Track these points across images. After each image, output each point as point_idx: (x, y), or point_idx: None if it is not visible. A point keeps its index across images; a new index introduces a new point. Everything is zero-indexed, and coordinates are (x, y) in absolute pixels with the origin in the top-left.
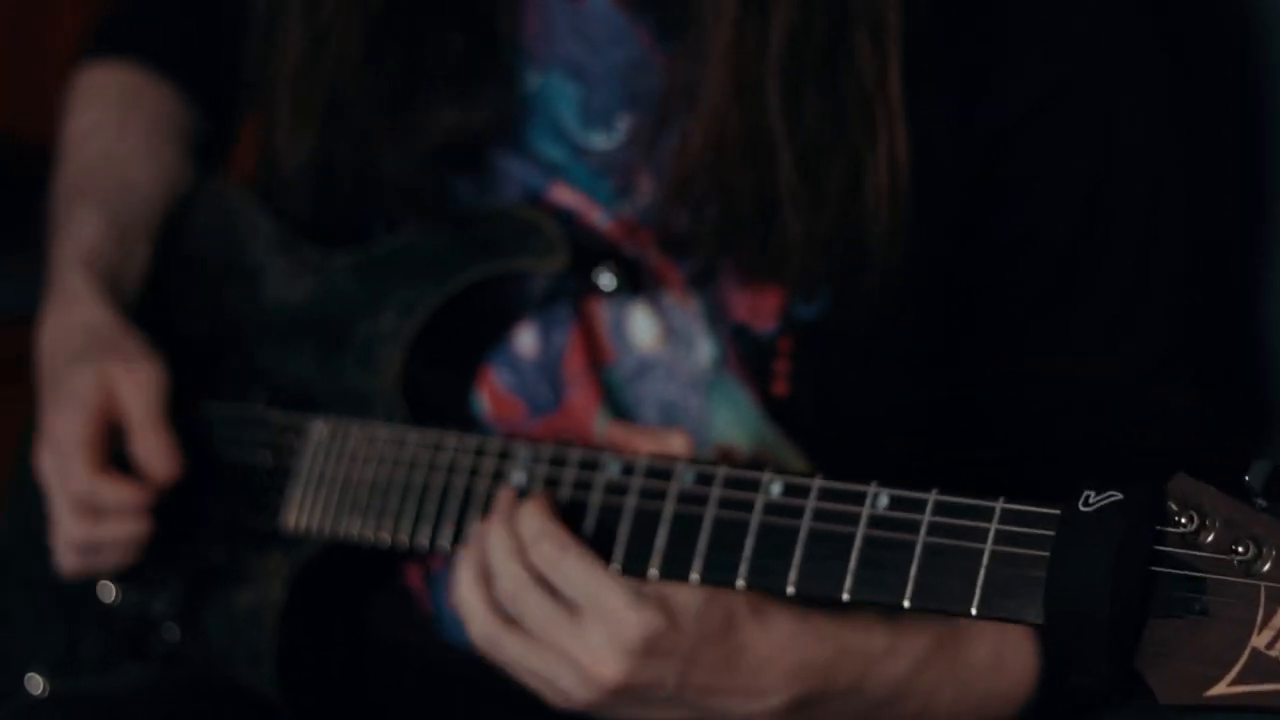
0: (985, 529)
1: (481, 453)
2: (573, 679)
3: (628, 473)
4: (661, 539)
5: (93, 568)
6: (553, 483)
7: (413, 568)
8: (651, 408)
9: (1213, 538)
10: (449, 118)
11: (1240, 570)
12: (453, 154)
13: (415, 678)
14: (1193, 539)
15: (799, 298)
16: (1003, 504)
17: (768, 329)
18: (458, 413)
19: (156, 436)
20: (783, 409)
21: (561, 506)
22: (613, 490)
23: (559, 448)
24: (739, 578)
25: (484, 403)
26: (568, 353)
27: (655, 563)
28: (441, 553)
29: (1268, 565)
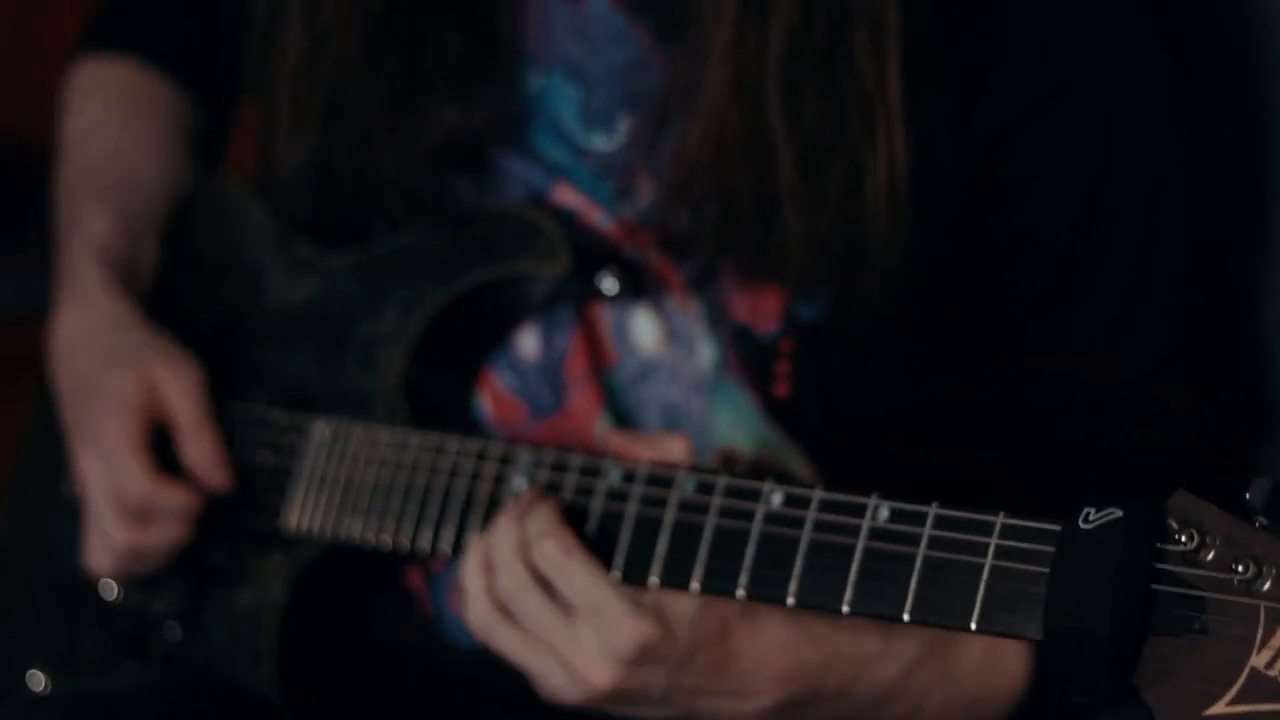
0: (985, 543)
1: (483, 457)
2: (563, 679)
3: (629, 480)
4: (662, 547)
5: (133, 572)
6: (554, 488)
7: (414, 569)
8: (653, 410)
9: (1213, 556)
10: (449, 118)
11: (1240, 589)
12: (453, 154)
13: (416, 679)
14: (1193, 557)
15: (799, 298)
16: (1003, 519)
17: (768, 330)
18: (459, 414)
19: (209, 441)
20: (784, 410)
21: (563, 511)
22: (614, 497)
23: (560, 453)
24: (739, 587)
25: (485, 404)
26: (569, 355)
27: (656, 570)
28: (442, 556)
29: (1267, 584)
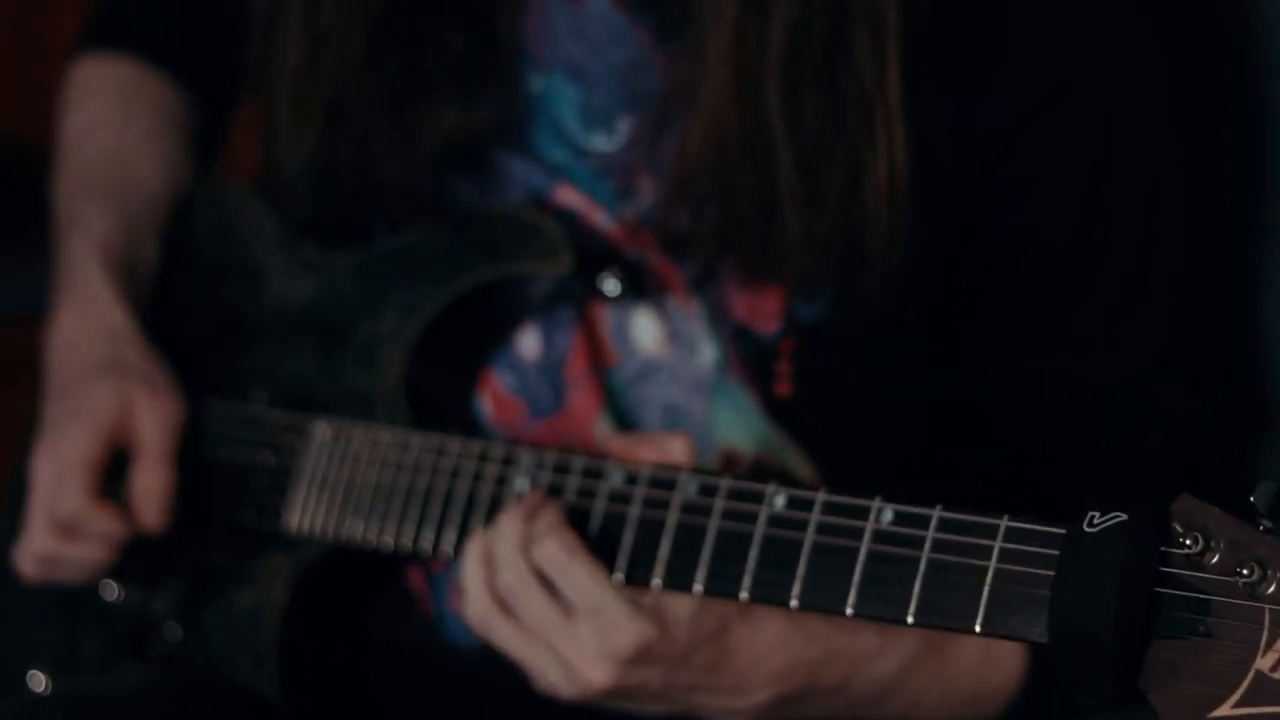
0: (989, 546)
1: (485, 458)
2: (560, 676)
3: (631, 482)
4: (665, 549)
5: (49, 579)
6: (556, 490)
7: (415, 569)
8: (654, 411)
9: (1217, 559)
10: (450, 119)
11: (1244, 592)
12: (454, 155)
13: (417, 679)
14: (1197, 560)
15: (799, 298)
16: (1007, 521)
17: (769, 330)
18: (459, 414)
19: (161, 477)
20: (785, 410)
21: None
22: (616, 499)
23: (563, 455)
24: (742, 590)
25: (486, 404)
26: (570, 355)
27: (659, 572)
28: (444, 558)
29: (1272, 587)
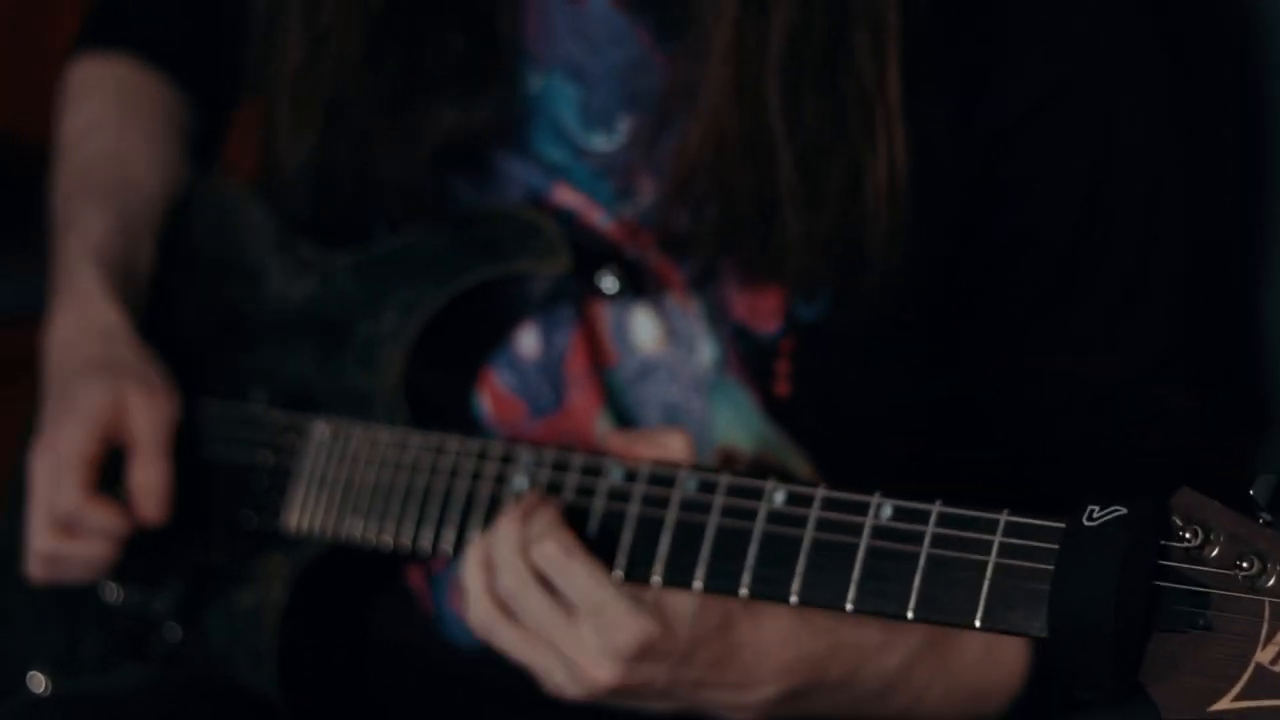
0: (989, 541)
1: (484, 457)
2: (565, 676)
3: (630, 479)
4: (664, 546)
5: (55, 579)
6: (555, 488)
7: (414, 569)
8: (653, 409)
9: (1217, 552)
10: (449, 119)
11: (1244, 585)
12: (453, 155)
13: (416, 678)
14: (1197, 553)
15: (799, 298)
16: (1006, 516)
17: (768, 330)
18: (459, 414)
19: (158, 471)
20: (784, 409)
21: (564, 511)
22: (615, 496)
23: (561, 453)
24: (742, 586)
25: (485, 403)
26: (569, 354)
27: (658, 570)
28: (443, 556)
29: (1272, 580)
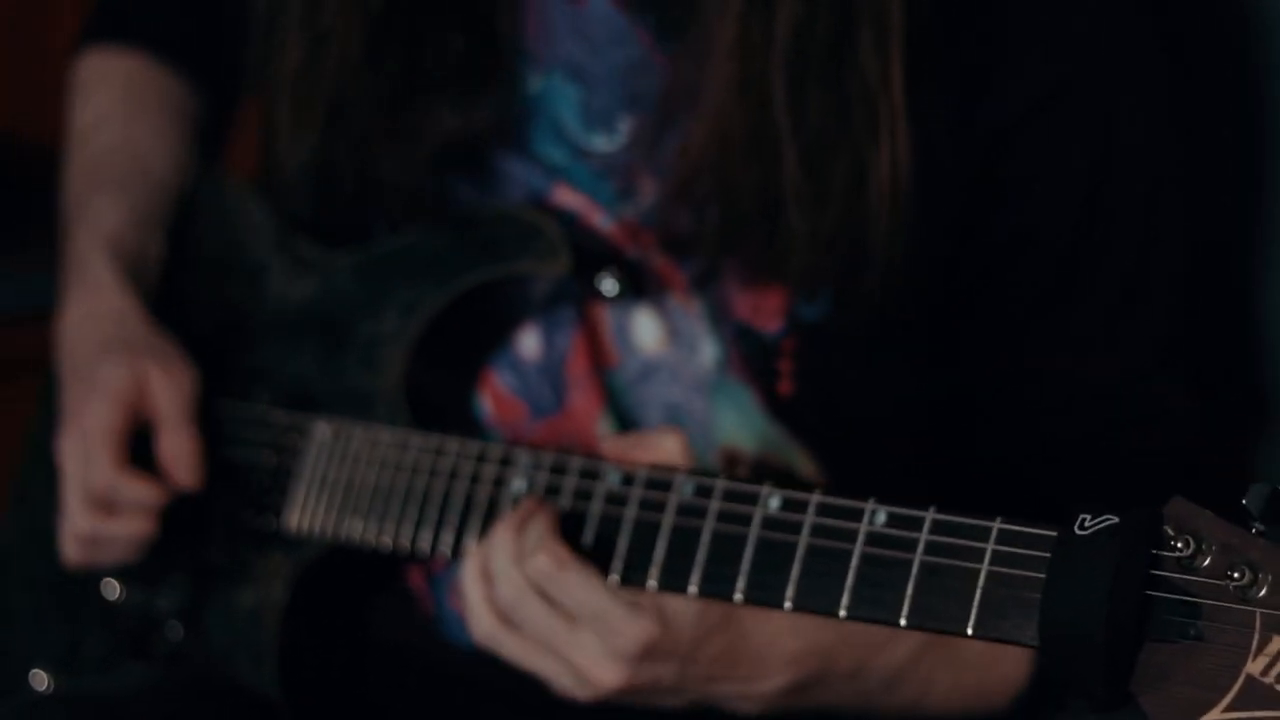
0: (982, 549)
1: (483, 459)
2: (572, 681)
3: (628, 483)
4: (660, 551)
5: (95, 561)
6: (553, 491)
7: (415, 569)
8: (655, 410)
9: (1209, 562)
10: (450, 120)
11: (1235, 596)
12: (453, 156)
13: (417, 679)
14: (1189, 563)
15: (801, 297)
16: (1000, 524)
17: (771, 329)
18: (460, 414)
19: (186, 438)
20: (787, 409)
21: (562, 515)
22: (613, 500)
23: (560, 455)
24: (736, 591)
25: (486, 404)
26: (570, 355)
27: (654, 574)
28: (442, 558)
29: (1263, 591)
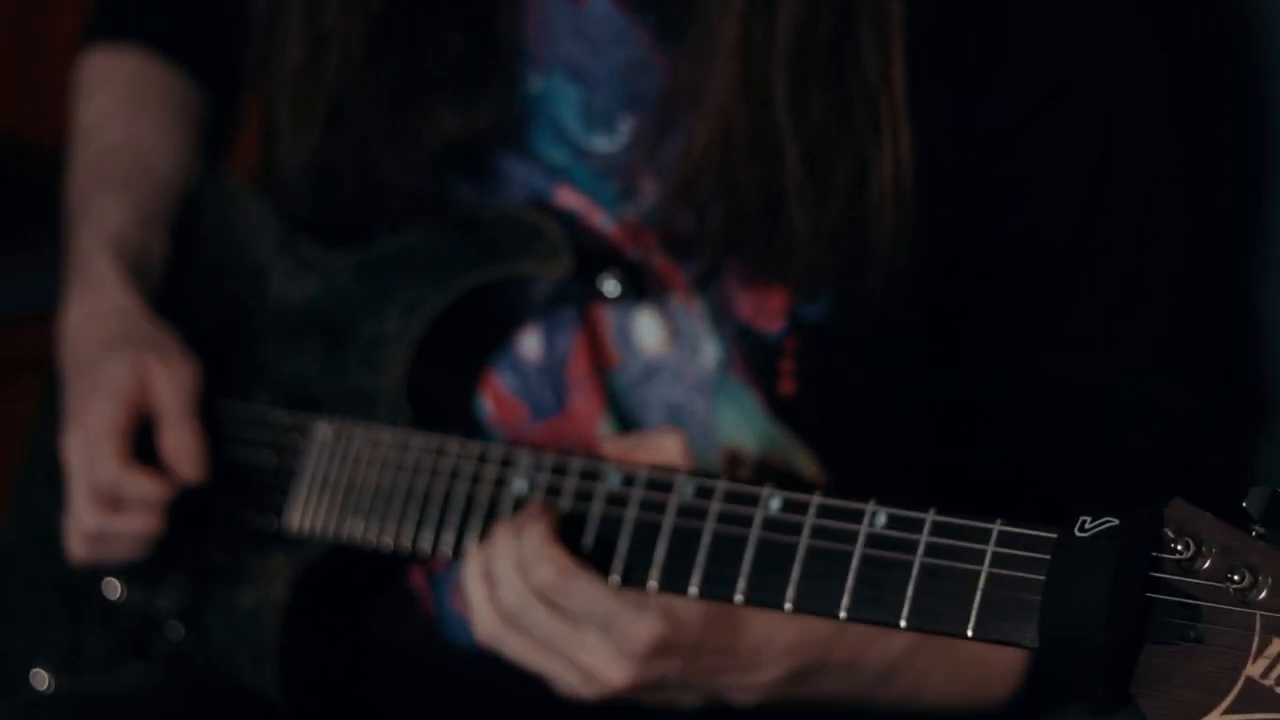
0: (982, 551)
1: (484, 459)
2: (579, 681)
3: (628, 484)
4: (660, 552)
5: (101, 558)
6: (554, 491)
7: (416, 569)
8: (657, 411)
9: (1209, 565)
10: (450, 121)
11: (1235, 598)
12: (454, 157)
13: (418, 679)
14: (1189, 566)
15: (803, 297)
16: (1000, 526)
17: (772, 329)
18: (461, 415)
19: (188, 433)
20: (789, 409)
21: (562, 517)
22: (613, 501)
23: (561, 456)
24: (737, 593)
25: (487, 405)
26: (572, 356)
27: (654, 575)
28: (443, 558)
29: (1264, 593)
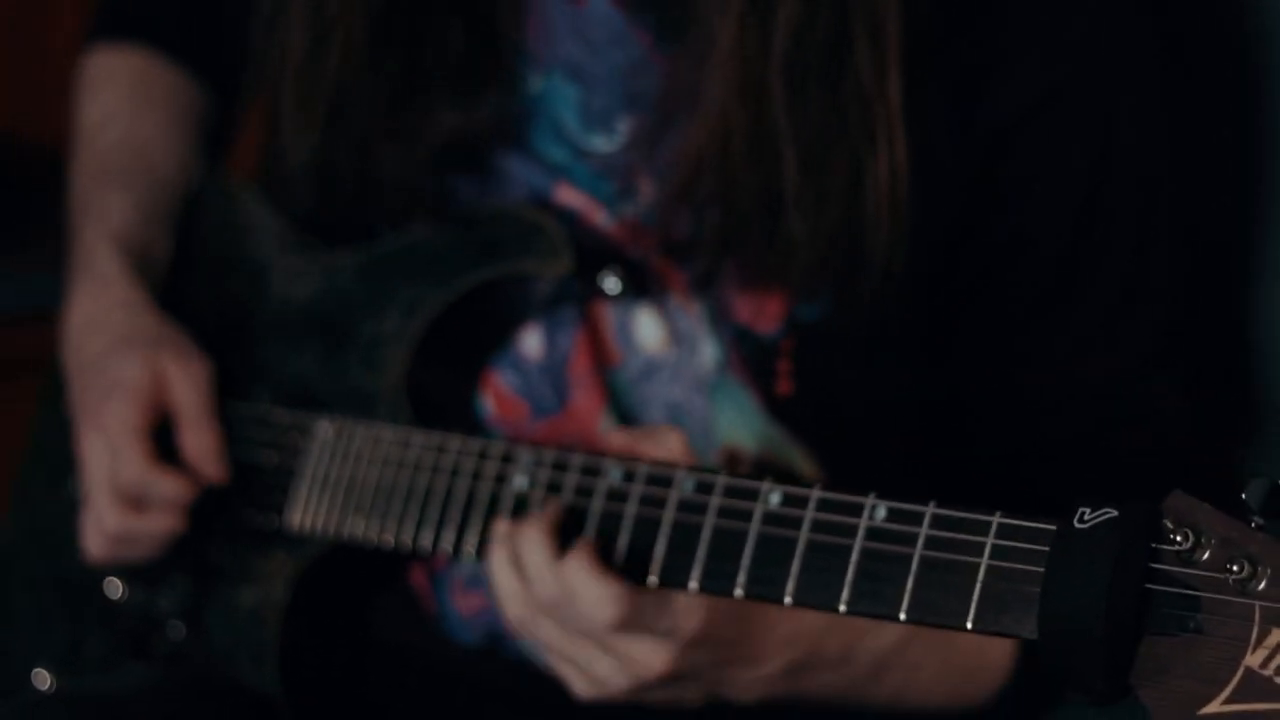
0: (981, 543)
1: (484, 456)
2: (613, 668)
3: (629, 479)
4: (661, 547)
5: (120, 558)
6: (555, 488)
7: (417, 567)
8: (657, 409)
9: (1208, 556)
10: (451, 119)
11: (1235, 589)
12: (454, 155)
13: (418, 678)
14: (1188, 557)
15: (800, 300)
16: (999, 518)
17: (769, 331)
18: (461, 414)
19: (210, 433)
20: (786, 409)
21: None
22: (614, 497)
23: (561, 453)
24: (737, 587)
25: (488, 404)
26: (573, 355)
27: (654, 570)
28: (444, 555)
29: (1263, 584)
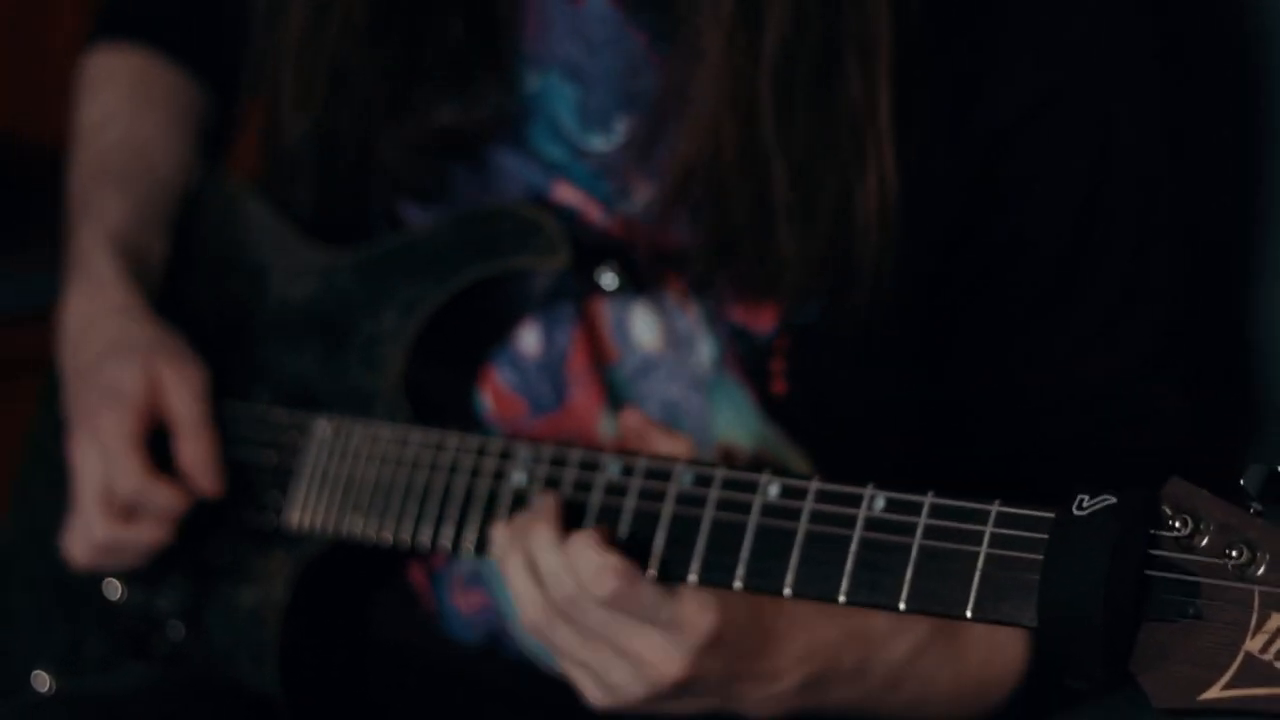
0: (980, 532)
1: (483, 453)
2: (628, 674)
3: (627, 474)
4: (660, 540)
5: (105, 566)
6: (553, 483)
7: (416, 566)
8: (654, 407)
9: (1207, 541)
10: (448, 116)
11: (1234, 574)
12: (452, 154)
13: (418, 677)
14: (1187, 543)
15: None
16: (998, 507)
17: (764, 330)
18: (460, 411)
19: (205, 443)
20: (781, 408)
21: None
22: (612, 491)
23: (559, 448)
24: (736, 579)
25: (486, 401)
26: (571, 352)
27: (654, 564)
28: (443, 553)
29: (1262, 569)
